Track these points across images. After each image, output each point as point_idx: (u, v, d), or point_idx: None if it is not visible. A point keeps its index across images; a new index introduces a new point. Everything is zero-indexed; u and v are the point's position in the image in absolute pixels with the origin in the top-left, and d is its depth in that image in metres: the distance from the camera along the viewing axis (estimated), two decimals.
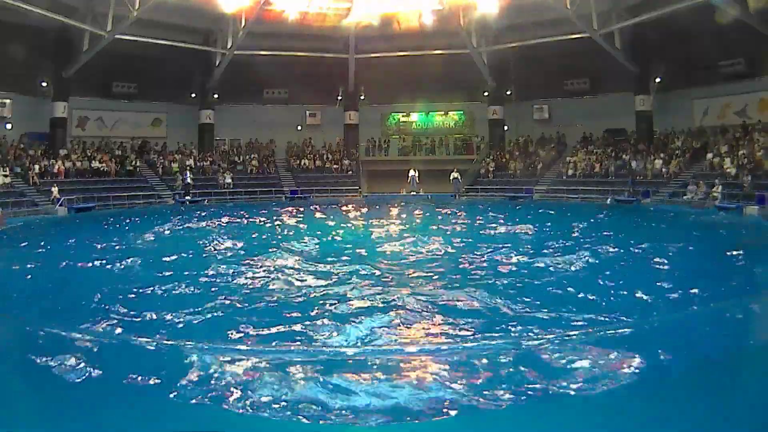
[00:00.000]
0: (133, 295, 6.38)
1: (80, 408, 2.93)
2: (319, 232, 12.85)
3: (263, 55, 25.51)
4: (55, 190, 20.35)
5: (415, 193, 25.85)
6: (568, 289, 6.45)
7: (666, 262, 7.98)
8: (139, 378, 3.20)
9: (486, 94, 27.38)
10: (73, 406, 2.96)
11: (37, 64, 22.58)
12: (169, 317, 5.42)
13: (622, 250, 9.12)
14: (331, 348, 4.44)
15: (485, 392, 2.99)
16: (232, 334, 4.91)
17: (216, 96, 26.90)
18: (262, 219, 16.61)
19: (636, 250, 9.06)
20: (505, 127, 28.06)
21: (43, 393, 3.14)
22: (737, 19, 18.35)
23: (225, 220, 16.19)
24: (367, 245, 10.72)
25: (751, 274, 7.46)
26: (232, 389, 3.05)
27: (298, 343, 4.63)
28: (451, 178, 25.01)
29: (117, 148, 25.02)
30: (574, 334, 4.56)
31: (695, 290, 6.29)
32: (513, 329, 4.93)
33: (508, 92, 27.30)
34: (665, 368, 3.31)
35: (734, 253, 8.79)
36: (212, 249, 10.35)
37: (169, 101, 26.79)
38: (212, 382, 3.15)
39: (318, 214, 18.11)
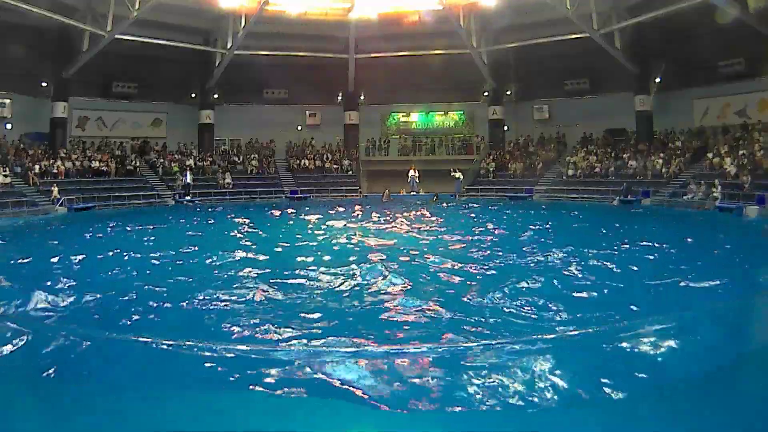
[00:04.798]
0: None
1: (75, 408, 2.92)
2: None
3: (263, 55, 25.55)
4: (55, 189, 20.39)
5: (415, 193, 25.80)
6: None
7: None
8: (138, 378, 3.20)
9: (486, 94, 27.41)
10: (67, 406, 2.95)
11: (37, 64, 22.64)
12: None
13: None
14: (330, 348, 4.41)
15: (485, 392, 2.98)
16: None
17: (216, 96, 26.91)
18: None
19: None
20: (505, 127, 28.05)
21: (39, 393, 3.12)
22: (737, 19, 18.34)
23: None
24: None
25: None
26: (231, 389, 3.04)
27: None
28: (455, 177, 25.09)
29: (117, 148, 25.04)
30: (575, 334, 4.54)
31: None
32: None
33: (508, 92, 27.35)
34: (669, 369, 3.29)
35: None
36: None
37: (169, 101, 26.84)
38: (212, 382, 3.14)
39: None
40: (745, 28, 18.56)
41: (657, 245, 9.43)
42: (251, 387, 3.08)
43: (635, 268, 7.58)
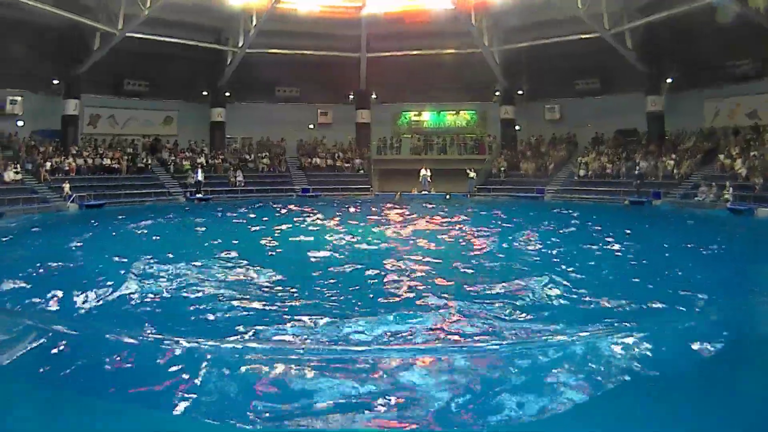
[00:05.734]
0: None
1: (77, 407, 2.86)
2: None
3: (275, 53, 25.51)
4: (66, 186, 20.33)
5: (426, 193, 25.77)
6: None
7: None
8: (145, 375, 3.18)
9: (497, 93, 27.35)
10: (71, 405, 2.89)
11: (48, 62, 22.61)
12: None
13: None
14: (335, 347, 4.35)
15: (488, 392, 2.95)
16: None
17: (227, 94, 26.84)
18: None
19: None
20: (517, 127, 27.97)
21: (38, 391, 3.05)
22: (748, 19, 18.34)
23: None
24: None
25: None
26: (234, 388, 3.00)
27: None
28: (469, 176, 25.10)
29: (128, 145, 24.93)
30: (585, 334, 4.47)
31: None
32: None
33: (520, 92, 27.25)
34: (675, 369, 3.24)
35: None
36: None
37: (180, 99, 26.72)
38: (215, 381, 3.08)
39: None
40: (757, 28, 18.55)
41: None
42: (255, 387, 3.02)
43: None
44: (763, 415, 2.65)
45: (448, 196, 24.39)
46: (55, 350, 3.48)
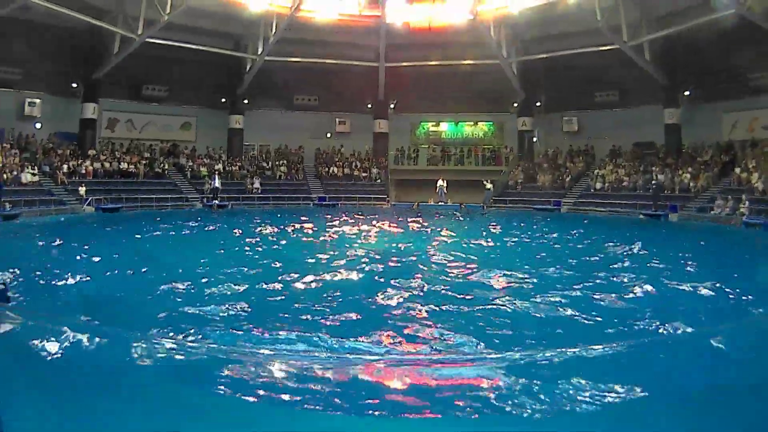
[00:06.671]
0: None
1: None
2: None
3: (293, 61, 25.55)
4: (82, 189, 20.20)
5: (443, 203, 25.62)
6: None
7: None
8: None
9: (516, 105, 27.41)
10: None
11: (67, 65, 22.67)
12: None
13: None
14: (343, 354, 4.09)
15: (490, 405, 2.76)
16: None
17: (246, 101, 26.81)
18: None
19: None
20: (534, 139, 27.92)
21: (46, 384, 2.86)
22: (766, 31, 18.45)
23: None
24: None
25: None
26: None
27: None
28: (486, 188, 25.00)
29: (146, 150, 24.77)
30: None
31: None
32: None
33: (538, 103, 27.28)
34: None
35: None
36: None
37: (199, 105, 26.72)
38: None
39: None
40: None
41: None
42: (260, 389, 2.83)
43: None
44: None
45: (462, 206, 24.17)
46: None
